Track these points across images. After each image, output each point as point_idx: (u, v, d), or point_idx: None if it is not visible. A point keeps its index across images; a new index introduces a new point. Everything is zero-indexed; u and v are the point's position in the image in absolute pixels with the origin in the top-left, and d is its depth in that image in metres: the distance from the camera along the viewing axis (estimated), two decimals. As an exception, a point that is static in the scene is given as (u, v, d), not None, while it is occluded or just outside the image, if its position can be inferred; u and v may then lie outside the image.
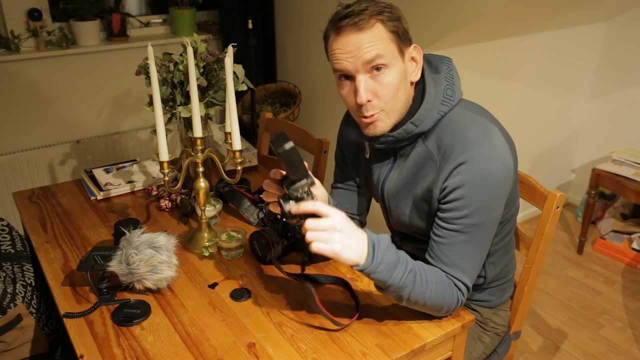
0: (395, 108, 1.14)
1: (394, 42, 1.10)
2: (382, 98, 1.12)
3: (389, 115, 1.15)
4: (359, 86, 1.11)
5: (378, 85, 1.11)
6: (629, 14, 2.78)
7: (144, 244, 1.20)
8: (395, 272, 1.04)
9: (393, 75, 1.10)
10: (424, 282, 1.08)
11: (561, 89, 2.91)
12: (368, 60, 1.08)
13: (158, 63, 1.49)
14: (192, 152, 1.39)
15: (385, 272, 1.04)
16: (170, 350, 1.08)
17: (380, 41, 1.08)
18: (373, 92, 1.12)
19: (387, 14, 1.09)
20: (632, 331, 2.27)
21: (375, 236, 1.05)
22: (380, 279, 1.04)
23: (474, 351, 1.35)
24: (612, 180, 2.59)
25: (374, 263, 1.02)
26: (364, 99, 1.11)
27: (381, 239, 1.05)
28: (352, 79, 1.12)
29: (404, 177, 1.23)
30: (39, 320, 1.50)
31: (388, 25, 1.09)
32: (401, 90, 1.13)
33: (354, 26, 1.07)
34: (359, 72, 1.10)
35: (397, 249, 1.08)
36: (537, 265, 1.37)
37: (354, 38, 1.08)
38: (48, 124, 2.60)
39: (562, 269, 2.70)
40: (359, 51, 1.08)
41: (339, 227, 1.00)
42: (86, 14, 2.55)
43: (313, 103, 2.93)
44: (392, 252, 1.05)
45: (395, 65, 1.10)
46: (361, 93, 1.11)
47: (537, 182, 1.38)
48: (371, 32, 1.08)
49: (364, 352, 1.08)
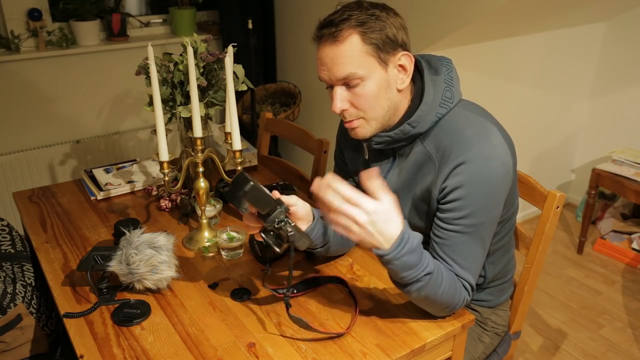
0: (375, 116, 1.15)
1: (371, 55, 1.09)
2: (359, 108, 1.13)
3: (369, 122, 1.16)
4: (334, 96, 1.13)
5: (354, 96, 1.12)
6: (629, 14, 2.78)
7: (144, 244, 1.20)
8: (409, 272, 1.03)
9: (370, 86, 1.11)
10: (438, 282, 1.07)
11: (561, 89, 2.91)
12: (340, 78, 1.10)
13: (158, 63, 1.49)
14: (192, 152, 1.39)
15: (400, 268, 1.03)
16: (170, 350, 1.08)
17: (355, 56, 1.08)
18: (350, 102, 1.13)
19: (371, 23, 1.07)
20: (632, 331, 2.28)
21: (408, 234, 1.02)
22: (394, 271, 1.04)
23: (474, 351, 1.35)
24: (612, 180, 2.59)
25: (391, 256, 1.00)
26: (338, 108, 1.13)
27: (411, 239, 1.02)
28: (332, 87, 1.15)
29: (403, 178, 1.23)
30: (39, 320, 1.50)
31: (367, 37, 1.07)
32: (382, 100, 1.13)
33: (330, 37, 1.08)
34: (335, 83, 1.12)
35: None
36: (537, 265, 1.37)
37: (329, 51, 1.09)
38: (48, 124, 2.60)
39: (562, 269, 2.70)
40: (332, 66, 1.10)
41: (361, 222, 0.97)
42: (86, 14, 2.55)
43: (313, 103, 2.93)
44: (415, 255, 1.03)
45: (372, 76, 1.10)
46: (336, 102, 1.13)
47: (537, 182, 1.38)
48: (346, 45, 1.07)
49: (364, 352, 1.08)
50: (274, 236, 1.09)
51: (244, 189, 1.01)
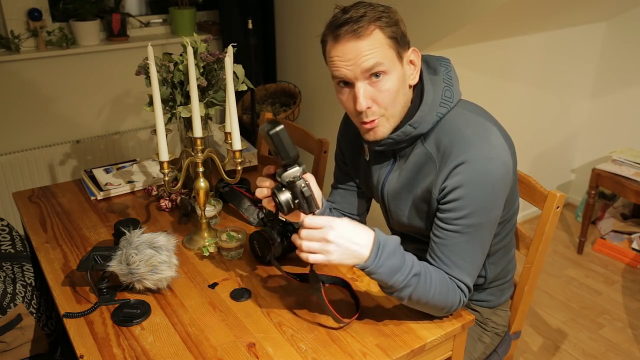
0: (394, 113, 1.14)
1: (392, 48, 1.09)
2: (381, 104, 1.12)
3: (388, 120, 1.15)
4: (358, 93, 1.11)
5: (377, 92, 1.11)
6: (629, 14, 2.78)
7: (144, 244, 1.20)
8: (396, 276, 1.04)
9: (392, 81, 1.10)
10: (428, 284, 1.08)
11: (561, 89, 2.91)
12: (367, 69, 1.08)
13: (158, 63, 1.49)
14: (192, 152, 1.39)
15: (386, 275, 1.04)
16: (170, 350, 1.08)
17: (379, 48, 1.07)
18: (372, 99, 1.12)
19: (386, 19, 1.08)
20: (632, 331, 2.27)
21: (383, 238, 1.04)
22: (381, 279, 1.05)
23: (474, 351, 1.35)
24: (612, 180, 2.59)
25: (374, 264, 1.02)
26: (363, 106, 1.11)
27: (388, 241, 1.04)
28: (352, 86, 1.12)
29: (403, 178, 1.23)
30: (39, 320, 1.50)
31: (386, 31, 1.08)
32: (400, 95, 1.13)
33: (353, 34, 1.07)
34: (358, 79, 1.10)
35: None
36: (537, 265, 1.37)
37: (353, 46, 1.07)
38: (48, 124, 2.60)
39: (562, 269, 2.70)
40: (357, 59, 1.08)
41: (331, 238, 1.01)
42: (86, 14, 2.55)
43: (313, 103, 2.93)
44: (397, 257, 1.04)
45: (394, 70, 1.10)
46: (360, 100, 1.10)
47: (537, 182, 1.38)
48: (370, 39, 1.07)
49: (364, 352, 1.08)
50: (288, 193, 1.05)
51: (276, 129, 1.00)
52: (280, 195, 1.05)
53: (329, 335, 1.12)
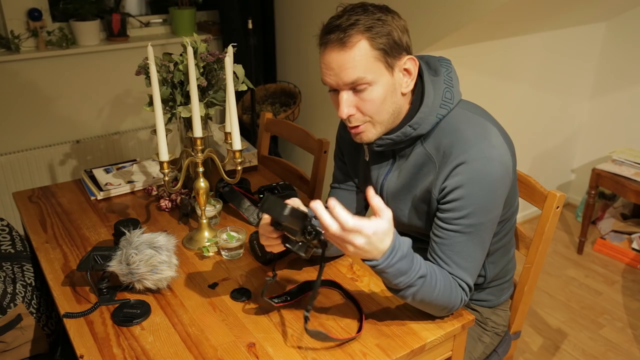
0: (381, 120, 1.14)
1: (379, 60, 1.08)
2: (365, 112, 1.13)
3: (375, 126, 1.15)
4: (340, 101, 1.12)
5: (361, 101, 1.11)
6: (629, 14, 2.78)
7: (144, 244, 1.20)
8: (402, 278, 1.03)
9: (377, 91, 1.10)
10: (432, 285, 1.07)
11: (561, 89, 2.91)
12: (348, 83, 1.09)
13: (158, 63, 1.49)
14: (192, 152, 1.39)
15: (392, 275, 1.03)
16: (170, 350, 1.08)
17: (364, 60, 1.07)
18: (356, 107, 1.12)
19: (378, 28, 1.07)
20: (632, 331, 2.28)
21: (398, 241, 1.01)
22: (386, 278, 1.04)
23: (474, 351, 1.35)
24: (612, 180, 2.59)
25: (384, 264, 1.00)
26: (344, 114, 1.12)
27: (402, 245, 1.02)
28: (338, 91, 1.13)
29: (403, 178, 1.23)
30: (39, 320, 1.50)
31: (375, 42, 1.07)
32: (387, 104, 1.13)
33: (338, 42, 1.07)
34: (342, 88, 1.11)
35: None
36: (537, 265, 1.37)
37: (337, 57, 1.08)
38: (48, 124, 2.60)
39: (562, 269, 2.70)
40: (340, 71, 1.08)
41: (358, 243, 0.96)
42: (86, 14, 2.55)
43: (313, 103, 2.93)
44: (407, 260, 1.03)
45: (380, 81, 1.09)
46: (342, 108, 1.12)
47: (537, 182, 1.38)
48: (354, 50, 1.06)
49: (364, 352, 1.08)
50: (301, 245, 1.06)
51: (284, 213, 0.95)
52: (297, 249, 1.06)
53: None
